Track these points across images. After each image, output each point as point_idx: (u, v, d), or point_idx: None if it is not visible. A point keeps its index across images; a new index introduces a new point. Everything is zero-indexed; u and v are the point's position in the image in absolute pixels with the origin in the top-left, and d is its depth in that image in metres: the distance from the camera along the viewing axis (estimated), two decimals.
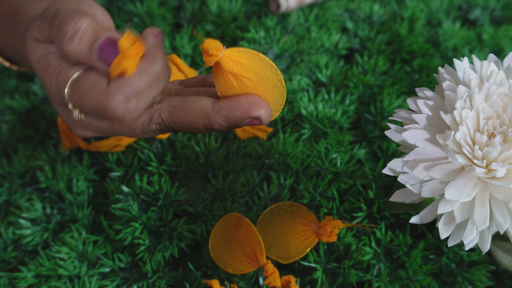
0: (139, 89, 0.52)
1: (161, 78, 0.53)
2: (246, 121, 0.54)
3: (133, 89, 0.52)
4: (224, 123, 0.54)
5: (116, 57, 0.52)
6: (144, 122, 0.56)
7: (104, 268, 0.67)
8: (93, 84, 0.53)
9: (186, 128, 0.56)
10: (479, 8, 0.94)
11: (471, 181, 0.49)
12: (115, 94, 0.52)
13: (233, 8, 0.87)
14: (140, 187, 0.68)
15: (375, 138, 0.74)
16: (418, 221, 0.52)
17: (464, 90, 0.51)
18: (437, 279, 0.66)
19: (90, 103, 0.53)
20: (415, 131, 0.51)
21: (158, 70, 0.53)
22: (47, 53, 0.57)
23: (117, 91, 0.52)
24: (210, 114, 0.54)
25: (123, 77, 0.52)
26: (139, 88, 0.52)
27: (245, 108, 0.53)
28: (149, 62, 0.52)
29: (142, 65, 0.52)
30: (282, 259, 0.60)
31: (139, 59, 0.52)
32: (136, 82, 0.52)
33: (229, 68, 0.52)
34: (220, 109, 0.54)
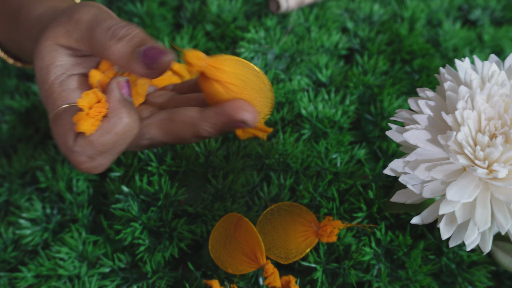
0: (102, 150, 0.53)
1: (127, 135, 0.54)
2: (233, 126, 0.54)
3: (96, 150, 0.53)
4: (211, 129, 0.55)
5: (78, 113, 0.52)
6: (135, 139, 0.57)
7: (104, 268, 0.67)
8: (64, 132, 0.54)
9: (176, 139, 0.56)
10: (480, 8, 0.94)
11: (472, 181, 0.49)
12: (79, 154, 0.53)
13: (233, 8, 0.87)
14: (140, 187, 0.68)
15: (375, 138, 0.74)
16: (419, 222, 0.52)
17: (466, 91, 0.51)
18: (437, 279, 0.66)
19: (60, 146, 0.55)
20: (416, 132, 0.51)
21: (122, 129, 0.53)
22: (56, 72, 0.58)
23: (80, 152, 0.53)
24: (197, 122, 0.55)
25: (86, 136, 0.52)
26: (102, 148, 0.53)
27: (230, 112, 0.54)
28: (112, 121, 0.52)
29: (106, 125, 0.52)
30: (282, 259, 0.60)
31: (102, 118, 0.52)
32: (99, 143, 0.52)
33: (214, 76, 0.53)
34: (206, 116, 0.54)
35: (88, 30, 0.57)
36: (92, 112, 0.52)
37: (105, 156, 0.54)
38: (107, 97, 0.53)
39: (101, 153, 0.53)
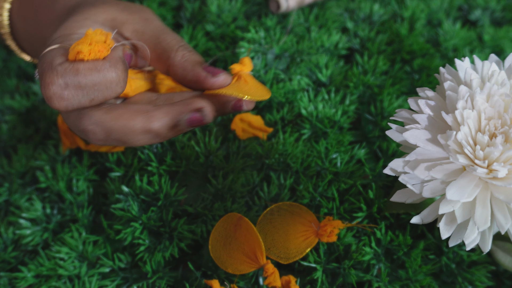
0: (81, 83, 0.52)
1: (110, 87, 0.53)
2: (188, 116, 0.55)
3: (77, 80, 0.52)
4: (165, 120, 0.55)
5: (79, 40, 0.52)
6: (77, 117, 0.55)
7: (104, 268, 0.67)
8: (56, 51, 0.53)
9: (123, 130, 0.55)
10: (480, 8, 0.94)
11: (472, 181, 0.49)
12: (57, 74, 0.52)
13: (233, 8, 0.87)
14: (140, 187, 0.68)
15: (375, 138, 0.74)
16: (419, 222, 0.52)
17: (466, 90, 0.51)
18: (437, 279, 0.66)
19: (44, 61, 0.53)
20: (416, 131, 0.51)
21: (111, 77, 0.53)
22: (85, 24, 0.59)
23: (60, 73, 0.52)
24: (150, 111, 0.55)
25: (75, 62, 0.51)
26: (84, 82, 0.52)
27: (187, 102, 0.56)
28: (107, 65, 0.52)
29: (99, 64, 0.52)
30: (282, 259, 0.60)
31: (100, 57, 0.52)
32: (84, 75, 0.51)
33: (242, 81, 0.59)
34: (161, 107, 0.55)
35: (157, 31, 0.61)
36: (95, 45, 0.51)
37: (78, 93, 0.52)
38: (112, 48, 0.53)
39: (79, 87, 0.52)
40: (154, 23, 0.61)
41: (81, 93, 0.52)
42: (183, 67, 0.58)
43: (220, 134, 0.74)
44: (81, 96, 0.53)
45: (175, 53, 0.59)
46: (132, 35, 0.60)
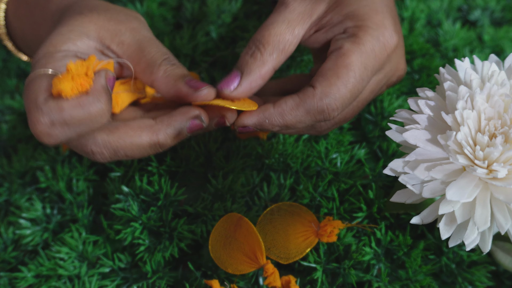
0: (67, 121, 0.52)
1: (95, 119, 0.53)
2: (188, 124, 0.57)
3: (62, 118, 0.52)
4: (169, 130, 0.57)
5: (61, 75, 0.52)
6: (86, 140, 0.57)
7: (104, 268, 0.67)
8: (39, 89, 0.53)
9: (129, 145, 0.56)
10: (479, 9, 0.94)
11: (472, 181, 0.49)
12: (43, 114, 0.52)
13: (233, 8, 0.87)
14: (140, 187, 0.68)
15: (375, 138, 0.74)
16: (419, 222, 0.52)
17: (466, 91, 0.51)
18: (437, 279, 0.66)
19: (28, 100, 0.54)
20: (416, 132, 0.51)
21: (95, 112, 0.53)
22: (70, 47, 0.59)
23: (45, 112, 0.52)
24: (153, 125, 0.57)
25: (59, 100, 0.52)
26: (69, 120, 0.52)
27: (184, 111, 0.57)
28: (90, 100, 0.52)
29: (83, 100, 0.52)
30: (282, 259, 0.60)
31: (83, 91, 0.52)
32: (68, 114, 0.52)
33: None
34: (162, 119, 0.57)
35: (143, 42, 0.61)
36: (76, 80, 0.51)
37: (65, 129, 0.53)
38: (95, 78, 0.53)
39: (64, 124, 0.52)
40: (141, 33, 0.61)
41: (68, 129, 0.53)
42: (165, 82, 0.58)
43: (220, 134, 0.74)
44: (68, 131, 0.53)
45: (157, 68, 0.59)
46: (118, 48, 0.60)
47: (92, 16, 0.60)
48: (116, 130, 0.56)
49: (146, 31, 0.62)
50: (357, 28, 0.59)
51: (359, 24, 0.60)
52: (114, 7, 0.63)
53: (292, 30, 0.61)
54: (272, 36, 0.60)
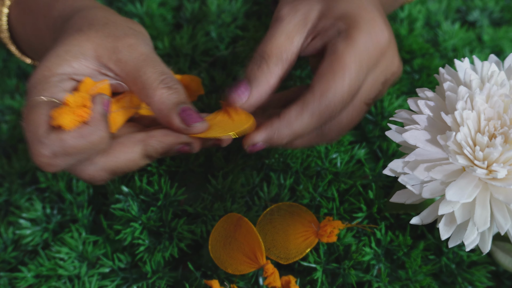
0: (69, 152, 0.54)
1: (96, 147, 0.55)
2: (178, 147, 0.59)
3: (64, 149, 0.54)
4: (158, 146, 0.58)
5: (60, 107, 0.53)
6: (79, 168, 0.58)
7: (104, 268, 0.67)
8: (39, 121, 0.54)
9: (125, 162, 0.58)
10: (478, 9, 0.94)
11: (472, 182, 0.49)
12: (45, 146, 0.53)
13: (233, 8, 0.87)
14: (139, 187, 0.68)
15: (375, 138, 0.74)
16: (418, 222, 0.52)
17: (465, 91, 0.51)
18: (437, 279, 0.66)
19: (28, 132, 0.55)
20: (416, 132, 0.51)
21: (96, 140, 0.54)
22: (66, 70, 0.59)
23: (47, 145, 0.53)
24: (146, 139, 0.58)
25: (59, 132, 0.53)
26: (70, 150, 0.54)
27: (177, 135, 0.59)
28: (91, 130, 0.54)
29: (84, 130, 0.54)
30: (282, 260, 0.60)
31: (82, 122, 0.54)
32: (70, 144, 0.53)
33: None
34: (154, 134, 0.59)
35: (139, 60, 0.60)
36: (76, 112, 0.53)
37: (67, 159, 0.55)
38: (93, 106, 0.55)
39: (66, 154, 0.54)
40: (138, 50, 0.61)
41: (69, 158, 0.55)
42: (159, 109, 0.59)
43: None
44: (69, 160, 0.55)
45: (153, 92, 0.59)
46: (115, 66, 0.60)
47: (90, 34, 0.60)
48: (111, 151, 0.58)
49: (144, 46, 0.62)
50: (349, 27, 0.60)
51: (350, 23, 0.61)
52: (113, 19, 0.63)
53: (292, 40, 0.62)
54: (274, 48, 0.61)
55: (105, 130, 0.55)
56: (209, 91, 0.78)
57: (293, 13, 0.63)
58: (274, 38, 0.62)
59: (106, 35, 0.60)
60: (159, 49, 0.82)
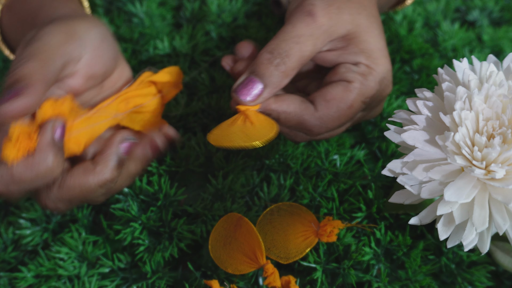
0: (20, 182, 0.54)
1: (46, 175, 0.55)
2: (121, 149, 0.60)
3: (13, 181, 0.54)
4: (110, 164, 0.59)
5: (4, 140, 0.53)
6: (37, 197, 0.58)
7: (103, 268, 0.67)
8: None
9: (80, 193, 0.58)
10: (477, 9, 0.94)
11: (470, 182, 0.49)
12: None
13: (233, 8, 0.87)
14: (139, 187, 0.68)
15: (374, 139, 0.74)
16: (417, 222, 0.52)
17: (464, 91, 0.51)
18: (436, 279, 0.66)
19: None
20: (415, 132, 0.51)
21: (43, 170, 0.54)
22: None
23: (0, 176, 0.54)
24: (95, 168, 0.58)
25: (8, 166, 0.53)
26: (20, 181, 0.54)
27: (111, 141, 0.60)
28: (36, 160, 0.54)
29: (29, 162, 0.54)
30: (282, 259, 0.60)
31: (29, 152, 0.53)
32: (18, 177, 0.53)
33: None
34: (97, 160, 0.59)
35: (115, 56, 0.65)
36: (19, 144, 0.53)
37: (20, 187, 0.55)
38: (40, 136, 0.54)
39: (18, 183, 0.54)
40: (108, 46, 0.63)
41: (23, 186, 0.55)
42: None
43: None
44: (24, 188, 0.55)
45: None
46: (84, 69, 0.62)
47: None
48: (64, 183, 0.57)
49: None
50: (368, 69, 0.62)
51: (371, 65, 0.63)
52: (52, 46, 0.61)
53: (315, 46, 0.62)
54: (297, 51, 0.61)
55: (53, 159, 0.54)
56: (209, 91, 0.78)
57: (327, 17, 0.62)
58: (301, 39, 0.61)
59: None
60: (159, 49, 0.82)
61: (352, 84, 0.62)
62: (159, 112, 0.68)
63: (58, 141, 0.56)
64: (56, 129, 0.56)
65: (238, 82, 0.61)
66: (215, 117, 0.76)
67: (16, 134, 0.53)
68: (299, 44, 0.61)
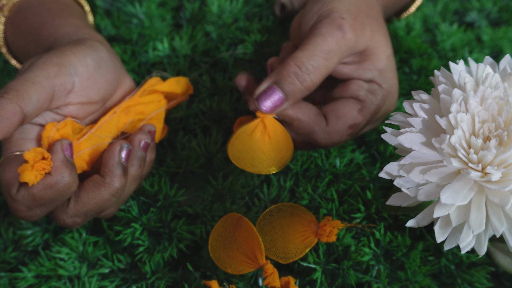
0: (41, 203, 0.57)
1: (65, 193, 0.57)
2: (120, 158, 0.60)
3: (36, 203, 0.56)
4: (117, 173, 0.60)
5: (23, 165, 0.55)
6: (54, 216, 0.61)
7: (103, 269, 0.67)
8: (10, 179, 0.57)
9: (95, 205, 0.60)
10: (475, 10, 0.94)
11: (467, 184, 0.49)
12: (19, 203, 0.56)
13: (233, 9, 0.87)
14: (140, 188, 0.69)
15: (372, 142, 0.74)
16: (414, 225, 0.52)
17: (459, 94, 0.51)
18: (436, 280, 0.66)
19: (4, 191, 0.58)
20: (411, 135, 0.51)
21: (63, 187, 0.57)
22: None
23: (20, 201, 0.56)
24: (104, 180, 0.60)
25: (29, 187, 0.56)
26: (42, 202, 0.56)
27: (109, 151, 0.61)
28: (55, 179, 0.56)
29: (49, 181, 0.56)
30: (281, 259, 0.60)
31: (45, 173, 0.56)
32: (39, 197, 0.56)
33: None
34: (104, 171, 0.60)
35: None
36: (37, 166, 0.55)
37: (42, 209, 0.58)
38: (52, 156, 0.57)
39: (40, 205, 0.57)
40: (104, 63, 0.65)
41: (45, 207, 0.58)
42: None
43: (221, 136, 0.74)
44: (45, 208, 0.58)
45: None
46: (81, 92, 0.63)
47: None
48: (79, 199, 0.59)
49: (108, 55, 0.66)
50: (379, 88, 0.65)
51: (382, 84, 0.65)
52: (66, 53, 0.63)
53: (339, 61, 0.64)
54: (325, 68, 0.62)
55: (70, 175, 0.57)
56: (210, 93, 0.78)
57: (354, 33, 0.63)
58: (330, 55, 0.62)
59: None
60: (158, 50, 0.82)
61: (363, 103, 0.64)
62: (162, 118, 0.69)
63: (69, 158, 0.58)
64: (65, 148, 0.58)
65: (260, 88, 0.62)
66: (216, 119, 0.76)
67: (32, 157, 0.55)
68: (327, 61, 0.62)
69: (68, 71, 0.61)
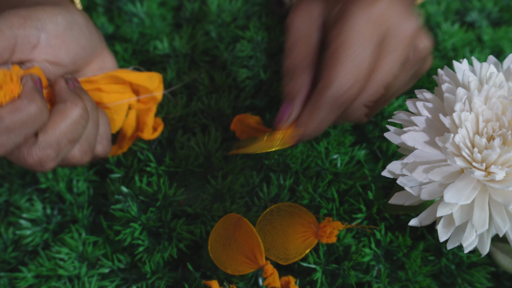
0: (9, 127, 0.53)
1: (35, 120, 0.55)
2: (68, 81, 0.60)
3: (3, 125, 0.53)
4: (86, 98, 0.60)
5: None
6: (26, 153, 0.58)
7: (103, 269, 0.67)
8: None
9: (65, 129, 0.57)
10: (476, 10, 0.94)
11: (470, 183, 0.49)
12: None
13: (233, 8, 0.87)
14: (139, 187, 0.68)
15: (375, 139, 0.74)
16: (417, 224, 0.52)
17: (463, 93, 0.51)
18: (436, 280, 0.66)
19: None
20: (414, 134, 0.51)
21: (34, 111, 0.54)
22: None
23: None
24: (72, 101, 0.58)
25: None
26: (10, 125, 0.53)
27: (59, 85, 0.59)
28: (25, 101, 0.54)
29: (18, 103, 0.54)
30: (281, 260, 0.60)
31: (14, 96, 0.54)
32: (8, 119, 0.53)
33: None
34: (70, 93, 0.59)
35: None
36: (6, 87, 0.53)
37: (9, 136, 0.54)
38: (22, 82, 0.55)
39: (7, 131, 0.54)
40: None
41: (13, 135, 0.54)
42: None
43: (220, 134, 0.73)
44: (14, 137, 0.54)
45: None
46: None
47: None
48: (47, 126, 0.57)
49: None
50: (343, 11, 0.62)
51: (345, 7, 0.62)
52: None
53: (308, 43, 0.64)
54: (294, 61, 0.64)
55: (40, 101, 0.55)
56: (209, 91, 0.78)
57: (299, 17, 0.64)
58: (291, 50, 0.64)
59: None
60: (159, 49, 0.82)
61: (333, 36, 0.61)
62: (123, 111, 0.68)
63: (39, 89, 0.56)
64: (35, 80, 0.56)
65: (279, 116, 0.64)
66: (214, 118, 0.76)
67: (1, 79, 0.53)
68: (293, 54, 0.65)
69: (35, 25, 0.59)
